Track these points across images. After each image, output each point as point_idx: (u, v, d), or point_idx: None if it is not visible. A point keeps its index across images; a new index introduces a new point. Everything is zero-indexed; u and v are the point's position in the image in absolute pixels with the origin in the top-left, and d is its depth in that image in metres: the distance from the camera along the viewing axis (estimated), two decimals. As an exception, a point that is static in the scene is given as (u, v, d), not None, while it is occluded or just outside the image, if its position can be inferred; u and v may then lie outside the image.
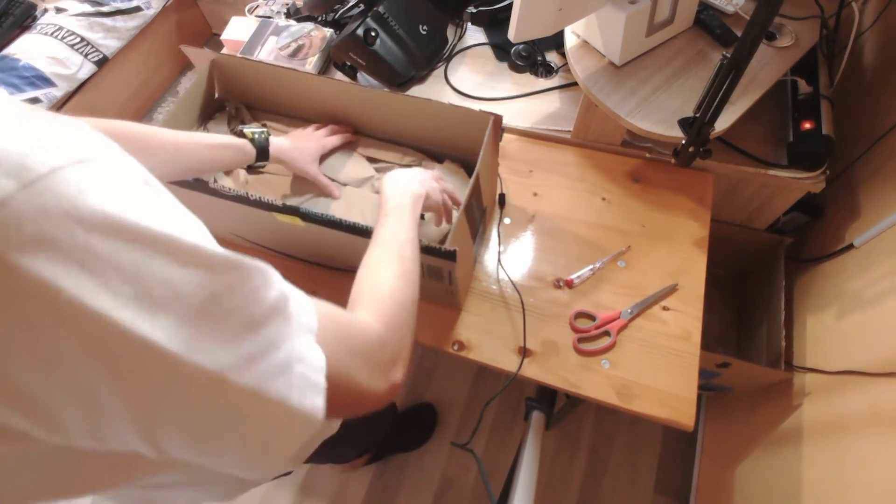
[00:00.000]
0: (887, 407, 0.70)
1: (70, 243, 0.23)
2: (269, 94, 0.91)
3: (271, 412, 0.31)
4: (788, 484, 0.86)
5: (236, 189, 0.65)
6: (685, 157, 0.78)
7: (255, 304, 0.30)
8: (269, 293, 0.32)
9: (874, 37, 0.99)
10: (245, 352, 0.29)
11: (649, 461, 1.36)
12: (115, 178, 0.26)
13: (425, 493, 1.36)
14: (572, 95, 1.02)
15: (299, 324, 0.34)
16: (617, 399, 0.71)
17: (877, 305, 0.79)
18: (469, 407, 1.48)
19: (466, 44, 1.14)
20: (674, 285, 0.80)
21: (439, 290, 0.74)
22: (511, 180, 0.93)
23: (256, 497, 1.39)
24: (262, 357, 0.30)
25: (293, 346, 0.32)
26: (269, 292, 0.32)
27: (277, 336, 0.31)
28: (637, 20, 0.82)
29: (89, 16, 1.70)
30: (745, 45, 0.60)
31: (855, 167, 0.94)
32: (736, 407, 1.17)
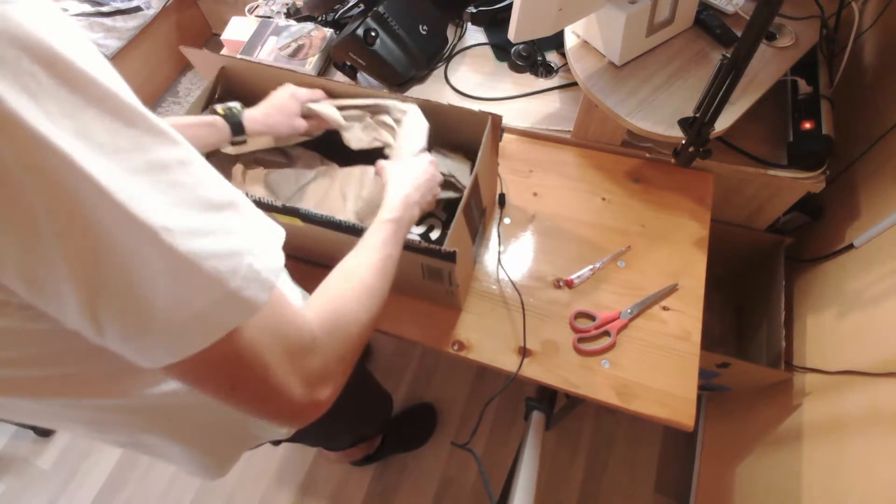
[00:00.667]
0: (887, 407, 0.70)
1: (15, 66, 0.23)
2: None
3: (204, 290, 0.30)
4: (788, 484, 0.86)
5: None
6: (685, 157, 0.78)
7: (209, 189, 0.31)
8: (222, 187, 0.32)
9: (874, 37, 0.99)
10: (191, 223, 0.29)
11: (649, 461, 1.36)
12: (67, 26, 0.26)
13: (425, 493, 1.36)
14: (572, 95, 1.02)
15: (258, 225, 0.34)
16: (617, 399, 0.71)
17: (877, 305, 0.79)
18: (469, 407, 1.48)
19: (466, 44, 1.14)
20: (674, 285, 0.80)
21: (439, 290, 0.74)
22: (511, 180, 0.93)
23: (256, 497, 1.39)
24: (208, 235, 0.30)
25: (248, 239, 0.32)
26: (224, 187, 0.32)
27: (231, 225, 0.31)
28: (637, 20, 0.82)
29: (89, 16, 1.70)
30: (745, 45, 0.60)
31: (855, 167, 0.94)
32: (736, 407, 1.17)
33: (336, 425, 0.87)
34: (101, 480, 1.45)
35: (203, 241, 0.29)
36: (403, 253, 0.63)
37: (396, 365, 1.56)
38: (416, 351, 1.58)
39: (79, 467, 1.47)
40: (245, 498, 1.40)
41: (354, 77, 1.08)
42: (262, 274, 0.32)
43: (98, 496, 1.42)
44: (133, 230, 0.27)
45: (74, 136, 0.25)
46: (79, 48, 0.26)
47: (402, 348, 1.59)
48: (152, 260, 0.28)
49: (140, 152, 0.28)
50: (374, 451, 1.35)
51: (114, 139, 0.27)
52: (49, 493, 1.44)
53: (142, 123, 0.28)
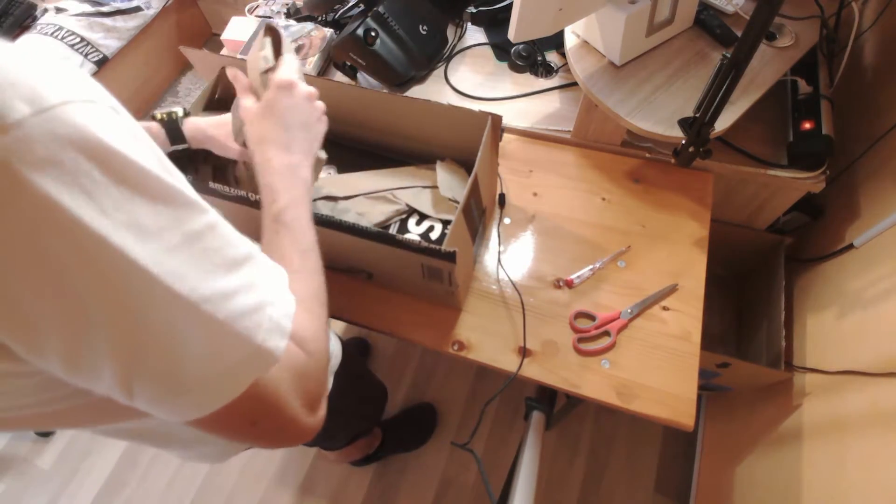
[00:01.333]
0: (887, 407, 0.70)
1: (74, 168, 0.26)
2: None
3: (236, 348, 0.33)
4: (788, 484, 0.86)
5: (236, 189, 0.65)
6: (685, 157, 0.78)
7: (233, 247, 0.34)
8: (241, 242, 0.35)
9: (874, 37, 0.99)
10: (224, 287, 0.32)
11: (649, 461, 1.36)
12: (116, 120, 0.29)
13: (425, 493, 1.36)
14: (572, 95, 1.02)
15: (270, 272, 0.37)
16: (617, 399, 0.71)
17: (877, 305, 0.79)
18: (469, 407, 1.48)
19: (466, 44, 1.14)
20: (674, 285, 0.80)
21: (439, 290, 0.74)
22: (511, 180, 0.93)
23: (256, 497, 1.39)
24: (236, 295, 0.32)
25: (267, 290, 0.35)
26: (241, 242, 0.35)
27: (253, 279, 0.34)
28: (637, 20, 0.82)
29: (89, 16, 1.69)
30: (745, 45, 0.60)
31: (855, 167, 0.94)
32: (736, 407, 1.17)
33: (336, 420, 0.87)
34: (101, 480, 1.45)
35: (234, 302, 0.32)
36: (403, 253, 0.63)
37: (396, 365, 1.56)
38: (416, 351, 1.58)
39: (79, 467, 1.47)
40: (245, 498, 1.40)
41: (354, 77, 1.08)
42: (281, 322, 0.36)
43: (98, 496, 1.43)
44: (177, 307, 0.30)
45: (126, 228, 0.27)
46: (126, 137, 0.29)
47: (402, 348, 1.59)
48: (192, 330, 0.31)
49: (178, 227, 0.30)
50: (374, 451, 1.35)
51: (156, 221, 0.29)
52: (49, 493, 1.44)
53: (178, 199, 0.31)
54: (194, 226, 0.31)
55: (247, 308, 0.33)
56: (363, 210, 0.85)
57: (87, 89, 0.28)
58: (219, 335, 0.32)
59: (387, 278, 0.80)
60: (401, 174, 0.88)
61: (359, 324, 0.81)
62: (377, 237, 0.62)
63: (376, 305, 0.82)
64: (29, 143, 0.24)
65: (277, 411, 0.36)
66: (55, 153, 0.25)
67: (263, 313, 0.34)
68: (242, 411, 0.35)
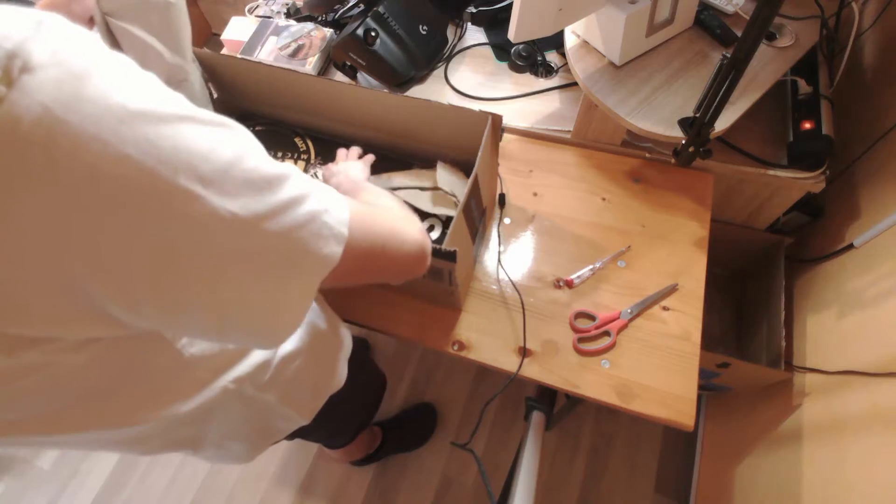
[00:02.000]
0: (887, 407, 0.70)
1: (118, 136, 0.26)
2: (268, 96, 0.91)
3: (296, 256, 0.35)
4: (788, 484, 0.86)
5: None
6: (685, 157, 0.78)
7: (269, 166, 0.33)
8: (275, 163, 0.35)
9: (874, 37, 0.99)
10: (273, 202, 0.32)
11: (649, 461, 1.36)
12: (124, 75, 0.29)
13: (425, 493, 1.36)
14: (572, 95, 1.02)
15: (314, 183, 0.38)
16: (617, 399, 0.71)
17: (877, 305, 0.79)
18: (469, 407, 1.48)
19: (466, 44, 1.14)
20: (674, 285, 0.80)
21: (439, 290, 0.74)
22: (511, 180, 0.93)
23: (257, 497, 1.39)
24: (289, 207, 0.33)
25: (318, 198, 0.36)
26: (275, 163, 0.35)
27: (301, 191, 0.35)
28: (637, 20, 0.82)
29: (89, 16, 1.69)
30: (745, 45, 0.60)
31: (855, 167, 0.94)
32: (736, 407, 1.17)
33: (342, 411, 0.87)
34: (101, 480, 1.45)
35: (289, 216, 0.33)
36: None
37: (396, 365, 1.56)
38: (416, 351, 1.58)
39: (79, 467, 1.47)
40: (245, 498, 1.40)
41: (354, 77, 1.08)
42: (336, 229, 0.37)
43: (98, 496, 1.42)
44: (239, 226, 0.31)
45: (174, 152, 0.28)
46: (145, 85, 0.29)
47: (402, 348, 1.59)
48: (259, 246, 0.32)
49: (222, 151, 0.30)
50: (374, 450, 1.35)
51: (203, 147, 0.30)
52: (49, 493, 1.43)
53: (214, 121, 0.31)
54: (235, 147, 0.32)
55: (301, 218, 0.34)
56: None
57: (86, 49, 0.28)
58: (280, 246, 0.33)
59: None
60: (400, 176, 0.88)
61: (359, 324, 0.81)
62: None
63: (376, 305, 0.82)
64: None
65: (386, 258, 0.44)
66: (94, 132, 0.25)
67: (319, 220, 0.35)
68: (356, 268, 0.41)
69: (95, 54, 0.27)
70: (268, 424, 0.64)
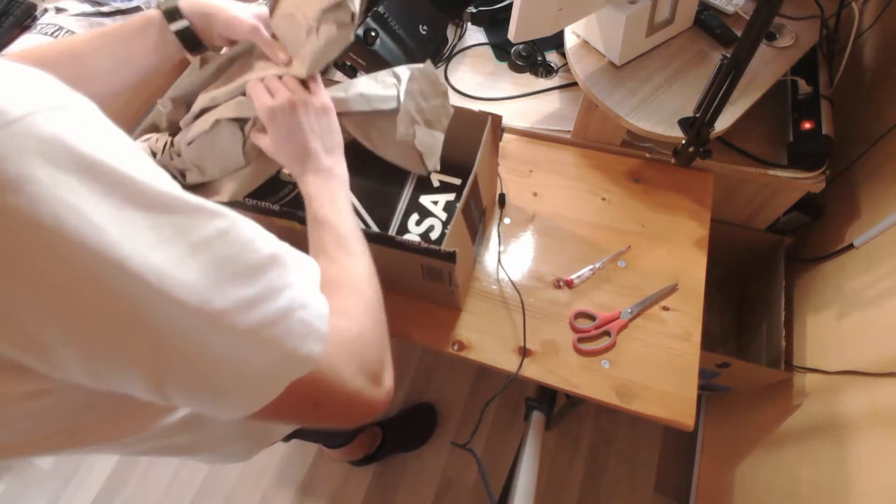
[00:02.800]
0: (887, 407, 0.70)
1: (51, 183, 0.23)
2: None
3: (267, 355, 0.31)
4: (788, 484, 0.86)
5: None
6: (685, 157, 0.78)
7: (252, 252, 0.31)
8: (262, 244, 0.32)
9: (874, 37, 0.99)
10: (242, 296, 0.30)
11: (649, 461, 1.36)
12: (92, 125, 0.27)
13: (425, 493, 1.36)
14: (572, 95, 1.02)
15: (300, 272, 0.35)
16: (617, 399, 0.71)
17: (877, 305, 0.79)
18: (469, 407, 1.48)
19: (466, 44, 1.14)
20: (674, 285, 0.80)
21: (439, 290, 0.74)
22: (511, 180, 0.93)
23: (257, 497, 1.39)
24: (260, 303, 0.31)
25: (295, 293, 0.33)
26: (263, 244, 0.33)
27: (278, 283, 0.32)
28: (637, 20, 0.82)
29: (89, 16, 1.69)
30: (745, 45, 0.60)
31: (855, 167, 0.94)
32: (736, 407, 1.17)
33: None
34: (101, 480, 1.45)
35: (256, 312, 0.30)
36: (403, 253, 0.63)
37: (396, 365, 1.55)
38: (416, 351, 1.58)
39: (79, 467, 1.47)
40: (245, 498, 1.40)
41: (354, 77, 1.08)
42: (314, 325, 0.34)
43: (98, 496, 1.42)
44: (192, 320, 0.28)
45: (120, 240, 0.25)
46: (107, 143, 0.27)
47: (402, 348, 1.59)
48: (214, 341, 0.29)
49: (183, 237, 0.28)
50: (374, 450, 1.35)
51: (157, 232, 0.27)
52: (49, 493, 1.44)
53: (181, 207, 0.29)
54: (202, 233, 0.29)
55: (271, 316, 0.31)
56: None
57: (54, 95, 0.26)
58: (244, 345, 0.30)
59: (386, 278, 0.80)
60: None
61: (359, 324, 0.80)
62: (376, 238, 0.62)
63: (376, 305, 0.82)
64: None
65: (338, 390, 0.36)
66: (27, 170, 0.23)
67: (292, 317, 0.32)
68: (299, 397, 0.34)
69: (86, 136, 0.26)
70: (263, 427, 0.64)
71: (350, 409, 0.38)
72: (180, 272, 0.27)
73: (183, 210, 0.29)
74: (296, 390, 0.33)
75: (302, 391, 0.34)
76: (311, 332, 0.33)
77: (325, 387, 0.35)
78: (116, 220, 0.25)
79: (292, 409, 0.35)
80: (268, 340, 0.31)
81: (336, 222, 0.49)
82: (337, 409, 0.37)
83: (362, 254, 0.48)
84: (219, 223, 0.30)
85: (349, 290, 0.43)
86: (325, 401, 0.35)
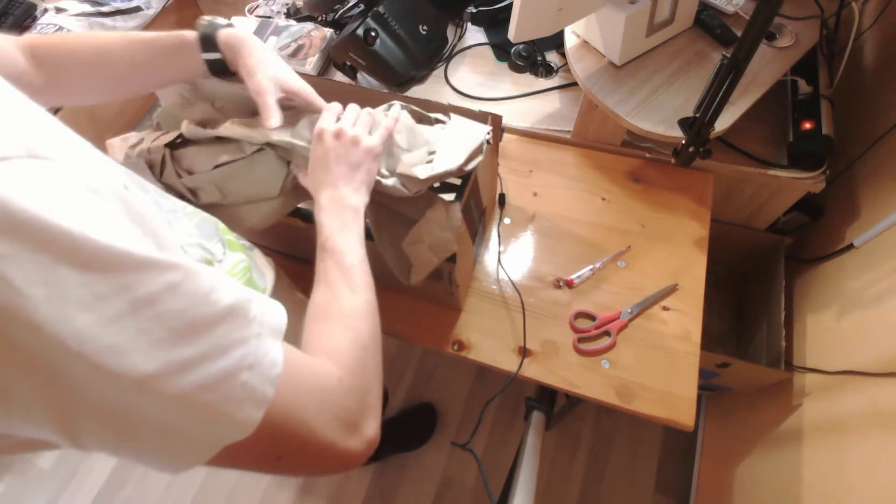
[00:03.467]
0: (887, 407, 0.70)
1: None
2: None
3: (198, 420, 0.29)
4: (788, 484, 0.86)
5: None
6: (685, 157, 0.78)
7: (203, 306, 0.29)
8: (222, 295, 0.30)
9: (874, 37, 0.99)
10: (181, 357, 0.28)
11: (649, 461, 1.36)
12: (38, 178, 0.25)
13: (425, 493, 1.36)
14: (572, 95, 1.02)
15: (262, 325, 0.32)
16: (617, 399, 0.71)
17: (877, 305, 0.79)
18: (469, 407, 1.48)
19: (466, 44, 1.14)
20: (674, 285, 0.80)
21: (439, 290, 0.74)
22: (511, 180, 0.93)
23: (257, 497, 1.39)
24: (200, 364, 0.28)
25: (246, 350, 0.31)
26: (224, 294, 0.31)
27: (227, 340, 0.30)
28: (637, 20, 0.82)
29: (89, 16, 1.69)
30: (745, 45, 0.60)
31: (855, 167, 0.94)
32: (736, 407, 1.17)
33: None
34: (101, 480, 1.45)
35: (193, 374, 0.28)
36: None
37: (396, 365, 1.56)
38: (416, 351, 1.58)
39: (79, 467, 1.47)
40: (245, 498, 1.40)
41: (354, 77, 1.08)
42: (257, 389, 0.31)
43: (98, 496, 1.42)
44: (115, 384, 0.26)
45: (46, 302, 0.24)
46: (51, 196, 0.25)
47: (402, 348, 1.59)
48: (138, 405, 0.27)
49: (123, 294, 0.26)
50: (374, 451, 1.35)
51: (90, 290, 0.25)
52: (49, 493, 1.43)
53: (124, 262, 0.26)
54: (147, 289, 0.27)
55: (210, 380, 0.29)
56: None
57: (39, 139, 0.25)
58: (173, 410, 0.28)
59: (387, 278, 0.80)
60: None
61: (359, 324, 0.80)
62: (377, 237, 0.62)
63: (376, 305, 0.82)
64: None
65: (304, 441, 0.33)
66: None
67: (234, 381, 0.30)
68: (258, 449, 0.32)
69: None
70: None
71: (320, 461, 0.35)
72: (106, 334, 0.25)
73: (126, 266, 0.26)
74: (249, 445, 0.31)
75: (258, 445, 0.31)
76: (252, 397, 0.31)
77: (288, 439, 0.33)
78: (42, 281, 0.24)
79: (251, 461, 0.33)
80: (201, 406, 0.29)
81: (343, 252, 0.48)
82: (304, 461, 0.35)
83: (365, 289, 0.46)
84: (170, 276, 0.28)
85: (343, 326, 0.42)
86: (290, 454, 0.33)
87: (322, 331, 0.42)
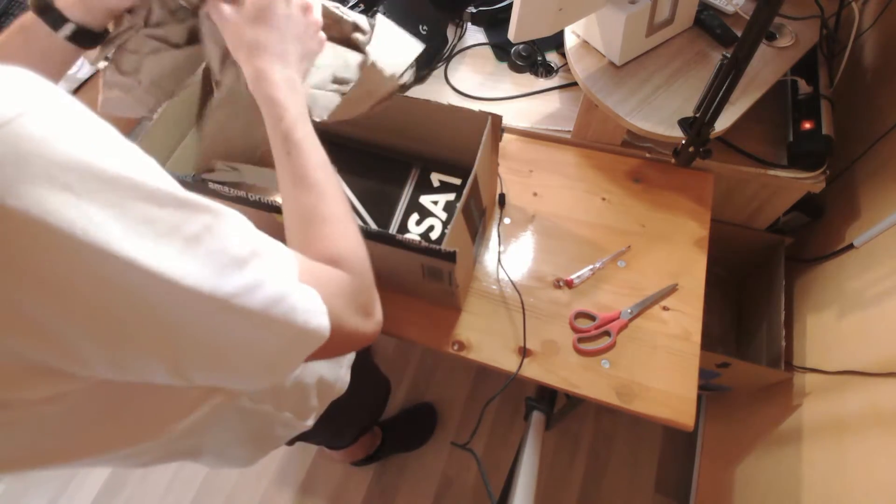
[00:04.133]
0: (887, 407, 0.70)
1: (51, 184, 0.23)
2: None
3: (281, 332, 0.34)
4: (788, 484, 0.86)
5: (235, 190, 0.65)
6: (685, 157, 0.78)
7: (236, 246, 0.32)
8: (246, 236, 0.33)
9: (874, 37, 0.99)
10: (242, 282, 0.31)
11: (649, 461, 1.36)
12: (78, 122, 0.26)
13: (425, 493, 1.36)
14: (572, 95, 1.02)
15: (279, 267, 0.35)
16: (617, 399, 0.71)
17: (877, 305, 0.79)
18: (469, 407, 1.48)
19: (466, 44, 1.14)
20: (674, 285, 0.80)
21: (439, 290, 0.74)
22: (511, 180, 0.93)
23: (257, 497, 1.39)
24: (256, 287, 0.32)
25: (279, 283, 0.34)
26: (246, 236, 0.33)
27: (262, 275, 0.33)
28: (637, 20, 0.82)
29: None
30: (745, 45, 0.60)
31: (855, 167, 0.94)
32: (736, 407, 1.18)
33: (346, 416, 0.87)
34: (101, 480, 1.45)
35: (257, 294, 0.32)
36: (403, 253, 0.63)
37: (396, 365, 1.56)
38: (416, 351, 1.58)
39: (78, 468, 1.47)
40: (245, 498, 1.40)
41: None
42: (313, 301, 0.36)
43: (98, 496, 1.42)
44: (206, 307, 0.29)
45: (124, 237, 0.26)
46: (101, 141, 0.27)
47: (402, 348, 1.59)
48: (229, 325, 0.31)
49: (177, 233, 0.28)
50: (375, 450, 1.35)
51: (154, 227, 0.27)
52: (49, 493, 1.44)
53: (170, 202, 0.28)
54: (192, 229, 0.29)
55: (274, 296, 0.33)
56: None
57: (40, 94, 0.26)
58: (257, 325, 0.32)
59: (386, 278, 0.80)
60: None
61: (359, 324, 0.80)
62: (377, 237, 0.62)
63: (376, 305, 0.82)
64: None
65: (341, 329, 0.39)
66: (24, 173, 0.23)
67: (287, 300, 0.34)
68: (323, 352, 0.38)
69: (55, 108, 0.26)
70: (267, 432, 0.64)
71: (349, 343, 0.42)
72: (184, 263, 0.28)
73: (174, 205, 0.29)
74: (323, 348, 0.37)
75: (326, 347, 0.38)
76: (313, 308, 0.36)
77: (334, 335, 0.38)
78: (117, 217, 0.26)
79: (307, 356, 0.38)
80: (278, 318, 0.33)
81: (314, 147, 0.45)
82: (338, 346, 0.40)
83: (339, 186, 0.46)
84: (204, 219, 0.30)
85: (341, 227, 0.45)
86: (329, 344, 0.38)
87: (323, 235, 0.44)
